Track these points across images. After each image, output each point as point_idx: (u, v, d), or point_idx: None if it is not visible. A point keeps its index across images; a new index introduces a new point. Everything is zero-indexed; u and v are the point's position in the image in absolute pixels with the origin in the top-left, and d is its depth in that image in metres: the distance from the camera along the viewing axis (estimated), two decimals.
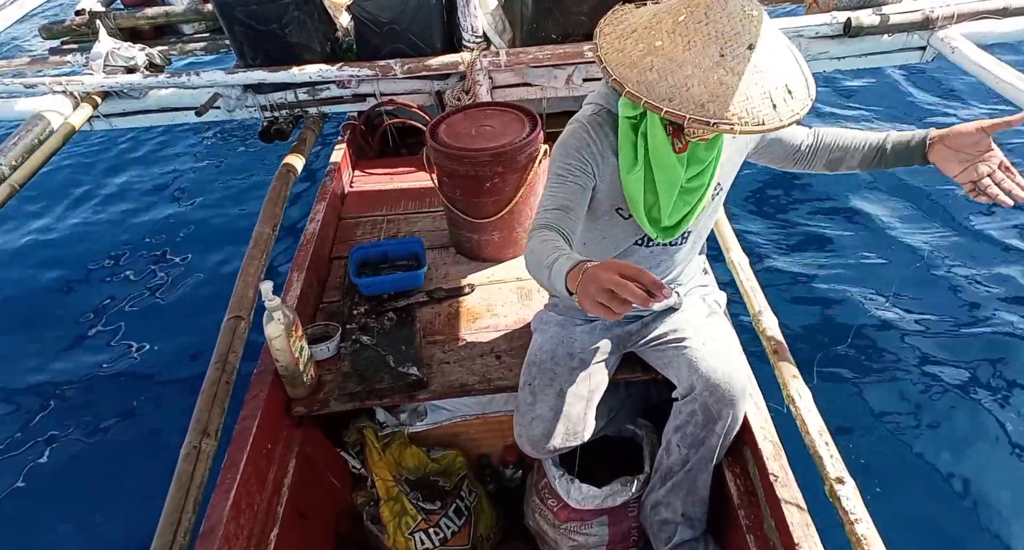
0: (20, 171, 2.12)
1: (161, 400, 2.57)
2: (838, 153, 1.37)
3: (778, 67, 1.01)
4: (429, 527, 1.66)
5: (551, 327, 1.54)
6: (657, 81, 1.01)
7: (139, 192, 4.15)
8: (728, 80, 0.98)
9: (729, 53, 0.98)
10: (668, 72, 1.00)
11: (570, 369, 1.46)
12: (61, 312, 3.16)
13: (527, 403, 1.45)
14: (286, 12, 2.46)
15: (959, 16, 2.52)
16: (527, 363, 1.52)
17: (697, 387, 1.35)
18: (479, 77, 2.56)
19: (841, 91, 4.54)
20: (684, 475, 1.42)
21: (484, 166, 1.84)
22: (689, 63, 0.99)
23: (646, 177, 1.22)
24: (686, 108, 0.98)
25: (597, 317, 1.50)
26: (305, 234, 2.08)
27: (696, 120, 0.98)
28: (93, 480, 2.31)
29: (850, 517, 1.18)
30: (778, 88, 1.00)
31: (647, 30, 1.05)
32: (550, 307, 1.63)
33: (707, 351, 1.37)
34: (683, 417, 1.38)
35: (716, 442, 1.38)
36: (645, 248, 1.38)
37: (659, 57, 1.01)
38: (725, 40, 0.98)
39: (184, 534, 1.25)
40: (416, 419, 1.79)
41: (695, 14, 1.00)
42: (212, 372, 1.57)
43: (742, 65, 0.98)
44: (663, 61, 1.01)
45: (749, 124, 0.98)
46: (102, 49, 2.59)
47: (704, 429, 1.36)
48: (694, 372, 1.35)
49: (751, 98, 0.98)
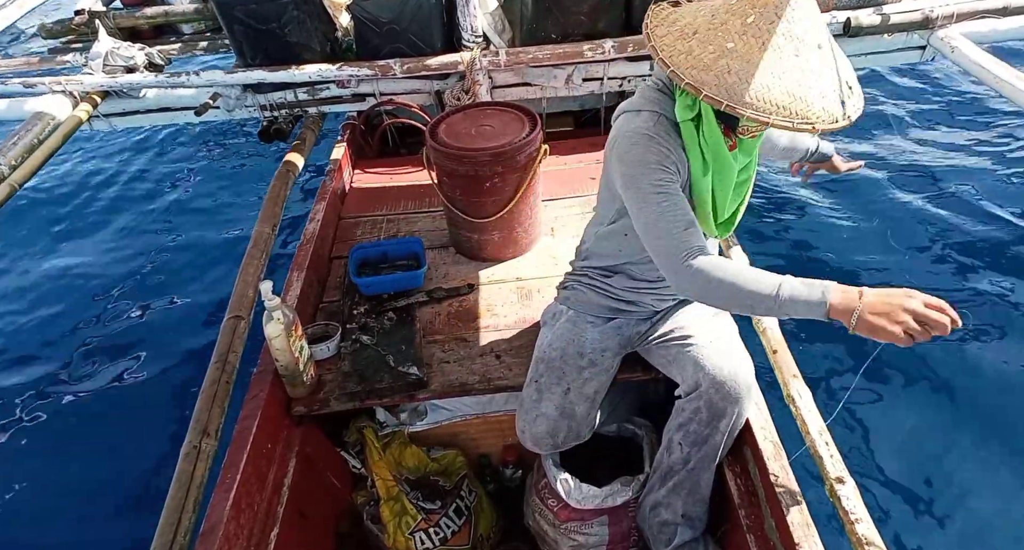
0: (20, 170, 2.12)
1: (161, 400, 2.56)
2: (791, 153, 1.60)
3: (838, 65, 1.04)
4: (429, 527, 1.66)
5: (561, 323, 1.53)
6: (737, 84, 1.01)
7: (138, 192, 4.15)
8: (805, 80, 1.00)
9: (803, 53, 1.00)
10: (747, 74, 1.01)
11: (579, 368, 1.46)
12: (60, 312, 3.16)
13: (532, 400, 1.45)
14: (285, 11, 2.46)
15: (959, 15, 2.53)
16: (535, 359, 1.51)
17: (703, 384, 1.34)
18: (479, 77, 2.56)
19: None
20: (686, 474, 1.41)
21: (484, 166, 1.84)
22: (767, 65, 1.00)
23: (714, 178, 1.23)
24: (769, 109, 1.00)
25: (610, 316, 1.50)
26: (305, 234, 2.08)
27: (779, 123, 0.99)
28: (93, 480, 2.31)
29: (850, 517, 1.18)
30: (843, 85, 1.03)
31: (712, 31, 1.05)
32: (561, 300, 1.60)
33: (712, 349, 1.37)
34: (686, 415, 1.38)
35: (720, 440, 1.37)
36: None
37: (735, 60, 1.01)
38: (799, 41, 1.00)
39: (184, 534, 1.25)
40: (416, 419, 1.79)
41: (766, 15, 1.01)
42: (212, 372, 1.57)
43: (816, 65, 1.01)
44: (740, 64, 1.01)
45: (826, 122, 1.00)
46: (102, 49, 2.59)
47: (708, 427, 1.36)
48: (699, 370, 1.35)
49: (826, 96, 1.01)
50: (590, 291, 1.51)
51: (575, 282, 1.56)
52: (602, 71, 2.64)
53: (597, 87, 2.69)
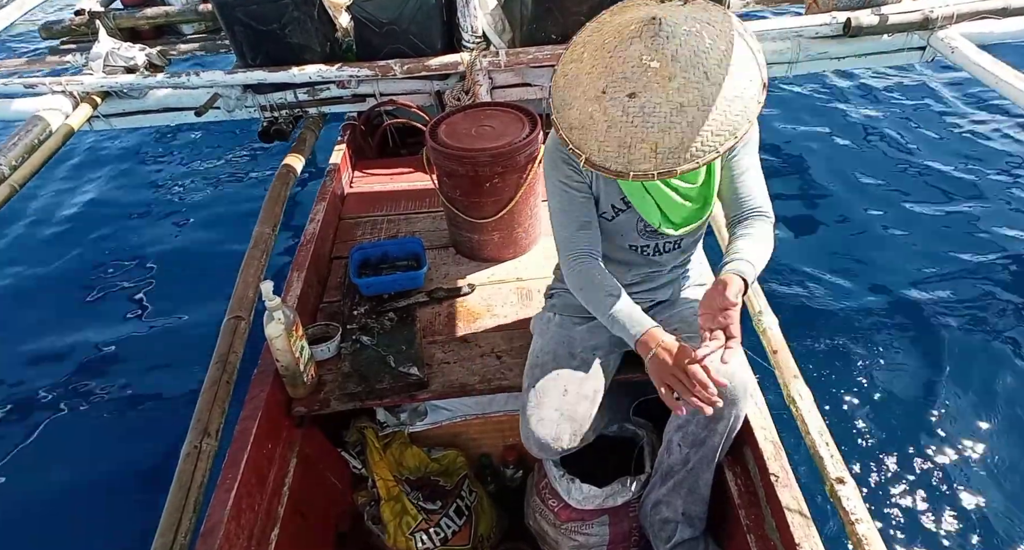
0: (20, 171, 2.12)
1: (161, 400, 2.56)
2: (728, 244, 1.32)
3: (659, 125, 1.01)
4: (430, 527, 1.66)
5: (551, 328, 1.54)
6: (562, 88, 1.11)
7: (139, 192, 4.15)
8: (597, 117, 1.04)
9: (611, 92, 1.03)
10: (569, 86, 1.10)
11: (572, 368, 1.46)
12: (60, 312, 3.16)
13: (532, 405, 1.45)
14: (286, 12, 2.46)
15: (958, 16, 2.53)
16: (529, 366, 1.52)
17: None
18: (479, 77, 2.56)
19: (842, 90, 4.54)
20: (686, 474, 1.41)
21: (484, 166, 1.84)
22: (582, 86, 1.07)
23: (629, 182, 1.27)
24: (564, 124, 1.08)
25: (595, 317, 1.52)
26: (305, 234, 2.08)
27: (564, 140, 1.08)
28: (93, 480, 2.31)
29: (851, 517, 1.18)
30: (640, 143, 1.02)
31: (591, 37, 1.12)
32: (548, 308, 1.63)
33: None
34: (684, 417, 1.38)
35: (718, 441, 1.38)
36: (639, 255, 1.43)
37: (575, 67, 1.10)
38: (613, 79, 1.04)
39: (185, 534, 1.25)
40: (416, 419, 1.79)
41: (607, 44, 1.07)
42: (213, 372, 1.57)
43: (615, 109, 1.03)
44: (574, 73, 1.10)
45: (597, 165, 1.05)
46: (102, 49, 2.60)
47: (706, 428, 1.36)
48: None
49: (606, 141, 1.03)
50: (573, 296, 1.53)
51: (560, 289, 1.60)
52: None
53: None
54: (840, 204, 3.41)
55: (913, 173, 3.58)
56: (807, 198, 3.48)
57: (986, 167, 3.57)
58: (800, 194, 3.51)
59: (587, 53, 1.09)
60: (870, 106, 4.34)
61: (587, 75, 1.07)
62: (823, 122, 4.20)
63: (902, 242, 3.09)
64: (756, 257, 1.23)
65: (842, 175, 3.64)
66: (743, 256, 1.22)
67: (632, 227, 1.38)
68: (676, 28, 1.02)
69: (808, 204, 3.43)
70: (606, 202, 1.35)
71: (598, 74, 1.05)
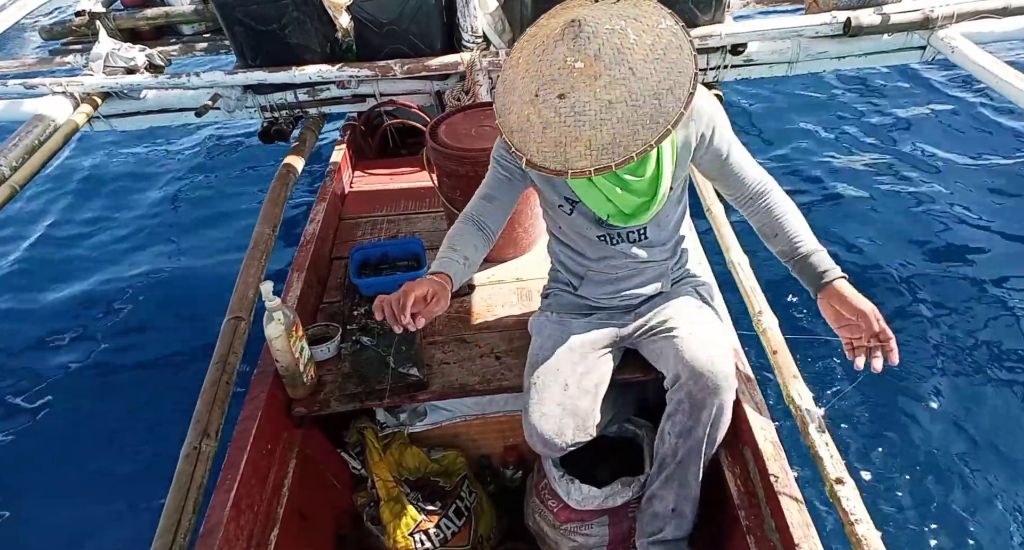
0: (21, 172, 2.12)
1: (161, 401, 2.57)
2: (768, 230, 1.36)
3: (590, 123, 1.03)
4: (429, 527, 1.66)
5: (548, 326, 1.55)
6: (502, 94, 1.15)
7: (139, 193, 4.15)
8: (533, 119, 1.07)
9: (542, 94, 1.07)
10: (507, 91, 1.14)
11: (572, 363, 1.47)
12: (60, 312, 3.16)
13: (534, 401, 1.45)
14: (286, 13, 2.46)
15: (959, 15, 2.52)
16: (529, 365, 1.52)
17: (682, 376, 1.36)
18: (479, 77, 2.56)
19: (842, 90, 4.54)
20: (676, 467, 1.42)
21: (484, 166, 1.82)
22: (518, 91, 1.11)
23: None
24: (505, 128, 1.12)
25: (591, 311, 1.52)
26: (305, 234, 2.08)
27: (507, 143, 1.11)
28: (93, 480, 2.31)
29: (850, 517, 1.18)
30: (575, 142, 1.04)
31: (527, 42, 1.14)
32: (544, 308, 1.63)
33: (692, 340, 1.38)
34: (672, 406, 1.40)
35: (703, 433, 1.38)
36: (610, 245, 1.44)
37: (512, 72, 1.14)
38: (543, 82, 1.07)
39: (184, 535, 1.25)
40: (416, 419, 1.79)
41: (537, 48, 1.10)
42: (212, 372, 1.57)
43: (548, 111, 1.06)
44: (511, 79, 1.13)
45: (537, 165, 1.07)
46: (102, 50, 2.60)
47: (691, 418, 1.37)
48: (679, 361, 1.36)
49: (543, 142, 1.06)
50: (568, 294, 1.57)
51: (555, 289, 1.61)
52: None
53: None
54: (843, 203, 3.41)
55: (914, 173, 3.58)
56: (808, 198, 3.47)
57: (987, 167, 3.57)
58: (801, 193, 3.51)
59: (522, 58, 1.13)
60: (871, 105, 4.33)
61: (521, 79, 1.11)
62: (823, 122, 4.20)
63: (902, 242, 3.09)
64: (809, 234, 1.32)
65: (844, 173, 3.63)
66: (809, 245, 1.29)
67: (590, 218, 1.40)
68: (599, 27, 1.04)
69: (809, 204, 3.43)
70: (559, 195, 1.39)
71: (531, 78, 1.09)
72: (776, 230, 1.34)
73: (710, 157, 1.33)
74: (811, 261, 1.28)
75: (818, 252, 1.29)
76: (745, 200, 1.37)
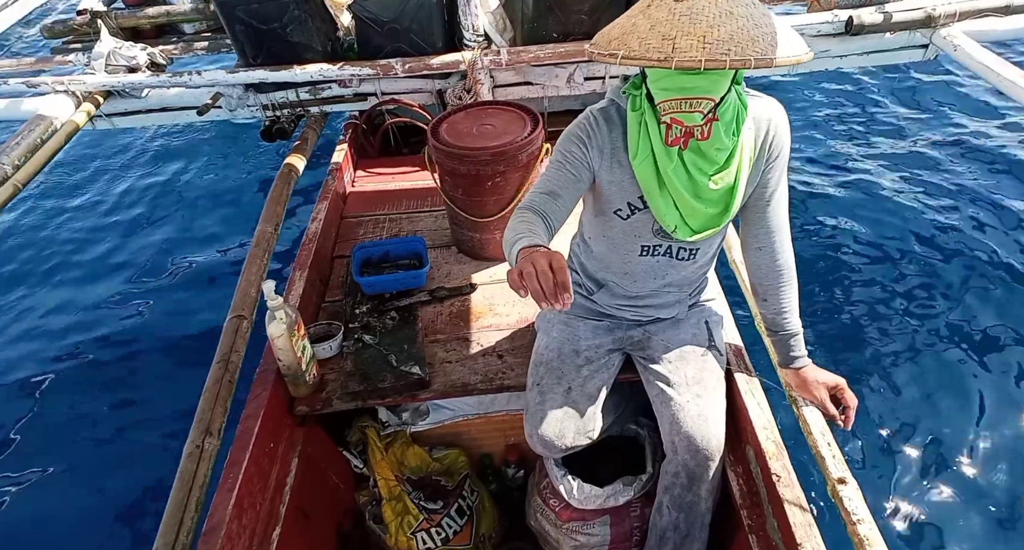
0: (23, 171, 2.12)
1: (164, 399, 2.57)
2: (760, 290, 1.39)
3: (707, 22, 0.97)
4: (431, 527, 1.66)
5: (555, 326, 1.54)
6: (606, 30, 1.10)
7: (140, 192, 4.15)
8: (640, 22, 1.02)
9: (656, 3, 1.02)
10: (613, 25, 1.09)
11: (576, 367, 1.47)
12: (61, 312, 3.16)
13: (536, 403, 1.45)
14: (287, 11, 2.46)
15: (961, 14, 2.52)
16: (533, 363, 1.52)
17: (678, 448, 1.37)
18: (480, 76, 2.56)
19: (842, 90, 4.53)
20: (680, 541, 1.43)
21: (486, 165, 1.84)
22: (628, 14, 1.07)
23: (657, 170, 1.21)
24: (601, 42, 1.06)
25: (600, 317, 1.51)
26: (307, 233, 2.08)
27: (594, 49, 1.07)
28: (95, 480, 2.32)
29: (852, 517, 1.17)
30: (686, 36, 0.96)
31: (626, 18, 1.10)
32: None
33: (690, 410, 1.37)
34: (669, 478, 1.41)
35: (703, 507, 1.40)
36: (650, 258, 1.37)
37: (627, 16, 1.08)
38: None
39: (187, 533, 1.25)
40: (418, 418, 1.79)
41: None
42: (215, 371, 1.57)
43: (660, 12, 1.01)
44: (625, 17, 1.08)
45: (635, 57, 0.99)
46: (104, 49, 2.59)
47: (689, 492, 1.39)
48: (676, 432, 1.37)
49: (648, 38, 0.99)
50: (579, 297, 1.53)
51: None
52: (603, 70, 2.63)
53: (599, 86, 2.68)
54: (843, 202, 3.40)
55: (913, 173, 3.57)
56: (808, 197, 3.47)
57: (987, 169, 3.56)
58: (798, 193, 3.50)
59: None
60: (872, 104, 4.33)
61: (631, 13, 1.05)
62: (823, 121, 4.19)
63: (902, 241, 3.09)
64: (796, 312, 1.40)
65: (848, 172, 3.63)
66: (792, 327, 1.40)
67: (648, 228, 1.31)
68: None
69: (809, 203, 3.43)
70: (622, 199, 1.28)
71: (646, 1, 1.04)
72: (768, 296, 1.39)
73: (763, 181, 1.27)
74: (790, 343, 1.40)
75: (796, 336, 1.40)
76: (756, 247, 1.34)
